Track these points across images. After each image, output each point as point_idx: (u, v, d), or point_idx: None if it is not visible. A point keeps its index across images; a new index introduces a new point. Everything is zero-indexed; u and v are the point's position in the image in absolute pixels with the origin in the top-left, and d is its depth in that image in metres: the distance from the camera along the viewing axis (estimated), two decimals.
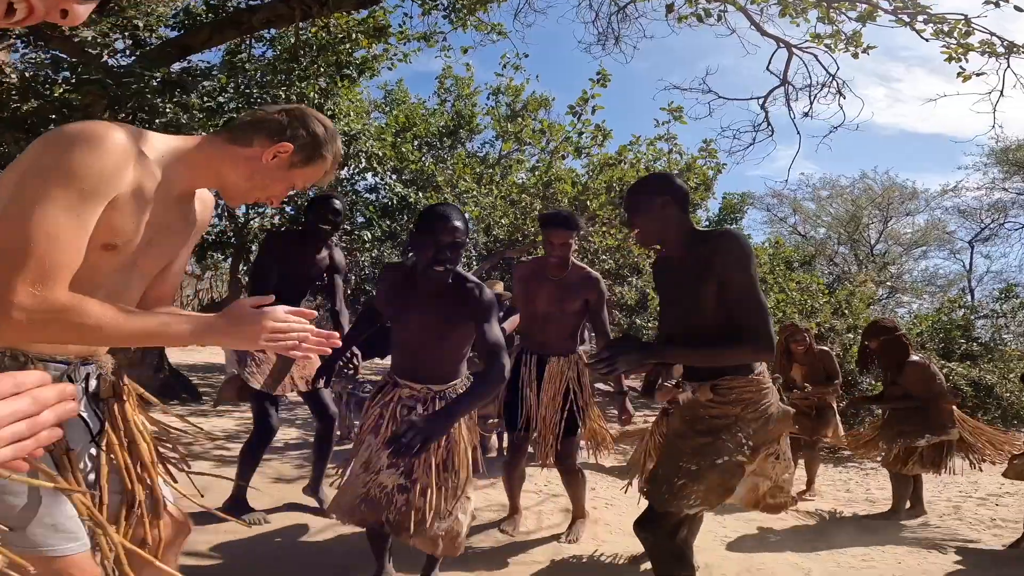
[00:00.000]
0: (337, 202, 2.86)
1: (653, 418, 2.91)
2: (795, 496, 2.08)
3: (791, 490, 2.01)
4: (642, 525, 1.82)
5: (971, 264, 17.41)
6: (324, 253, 2.93)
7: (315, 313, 1.04)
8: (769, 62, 5.99)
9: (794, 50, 5.66)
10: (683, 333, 1.85)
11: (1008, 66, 4.80)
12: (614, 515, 3.49)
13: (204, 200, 1.28)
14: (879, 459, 4.01)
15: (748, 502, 1.95)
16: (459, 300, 1.88)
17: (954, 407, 3.70)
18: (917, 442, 3.62)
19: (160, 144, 1.06)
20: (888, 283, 16.81)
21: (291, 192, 1.21)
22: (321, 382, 2.26)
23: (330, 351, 1.09)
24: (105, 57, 3.92)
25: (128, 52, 4.32)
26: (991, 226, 16.73)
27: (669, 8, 5.35)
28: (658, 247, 1.95)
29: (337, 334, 1.07)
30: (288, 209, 7.12)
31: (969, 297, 14.44)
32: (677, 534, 1.81)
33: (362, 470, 1.92)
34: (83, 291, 0.94)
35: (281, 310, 1.03)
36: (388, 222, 8.38)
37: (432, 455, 1.88)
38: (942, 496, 4.59)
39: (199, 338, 0.99)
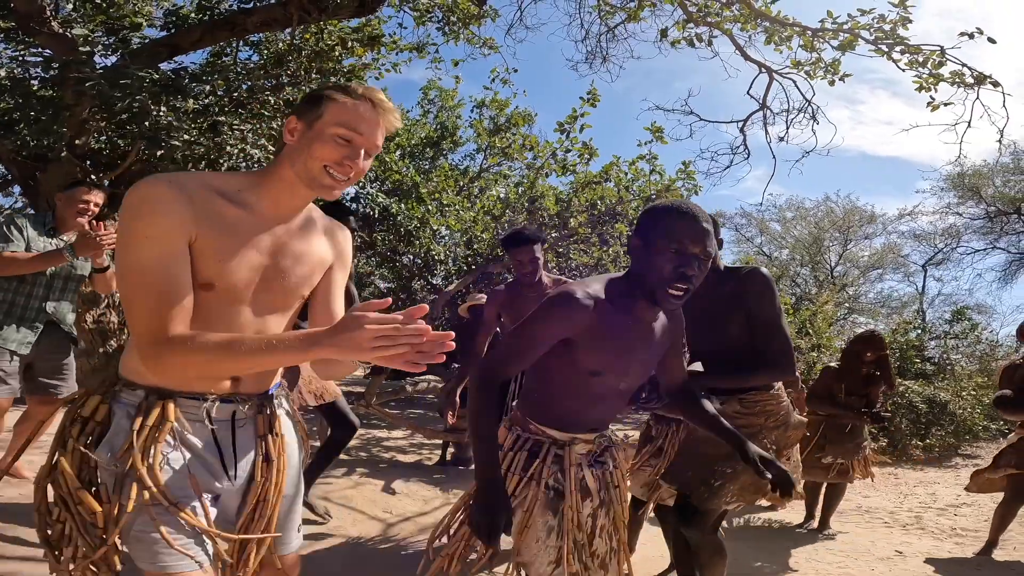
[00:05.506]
0: (353, 220, 2.98)
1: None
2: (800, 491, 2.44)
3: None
4: (687, 525, 2.00)
5: (924, 287, 18.21)
6: None
7: (426, 308, 0.92)
8: (750, 86, 6.20)
9: (775, 75, 5.87)
10: (708, 351, 2.08)
11: (977, 97, 4.88)
12: None
13: (329, 229, 1.27)
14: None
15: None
16: (670, 326, 1.54)
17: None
18: (868, 451, 3.90)
19: (229, 180, 1.13)
20: (846, 304, 17.47)
21: (349, 141, 1.11)
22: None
23: (445, 357, 0.94)
24: (97, 56, 3.84)
25: (114, 51, 4.23)
26: (944, 250, 17.53)
27: (663, 33, 5.52)
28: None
29: (452, 334, 0.94)
30: None
31: (921, 319, 15.07)
32: (717, 529, 2.04)
33: (556, 564, 1.44)
34: (200, 328, 1.04)
35: (383, 314, 0.93)
36: (367, 232, 8.31)
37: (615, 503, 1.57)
38: (903, 507, 4.81)
39: (306, 350, 0.97)
